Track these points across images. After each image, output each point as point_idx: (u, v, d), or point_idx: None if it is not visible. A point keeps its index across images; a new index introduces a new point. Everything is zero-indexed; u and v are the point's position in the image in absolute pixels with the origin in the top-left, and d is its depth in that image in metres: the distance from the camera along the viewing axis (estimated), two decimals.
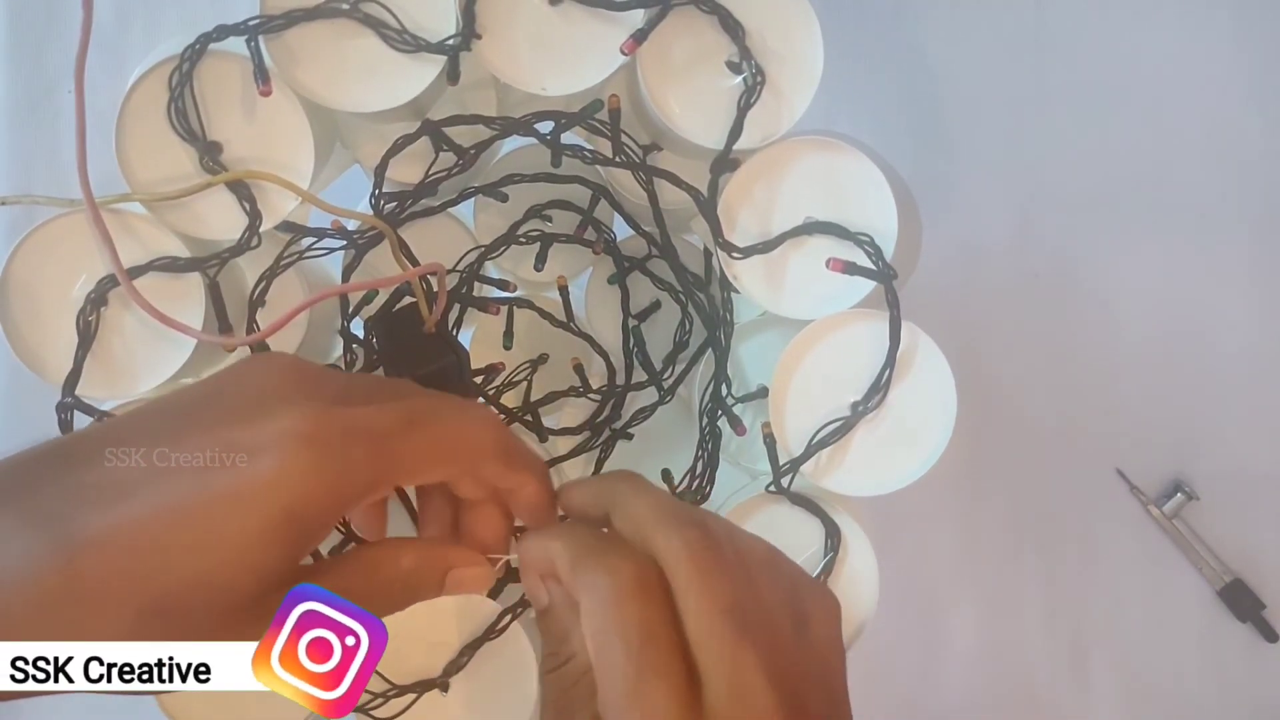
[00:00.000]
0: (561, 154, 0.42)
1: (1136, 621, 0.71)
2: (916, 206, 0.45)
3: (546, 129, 0.41)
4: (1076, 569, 0.72)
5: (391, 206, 0.43)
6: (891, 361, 0.40)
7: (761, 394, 0.45)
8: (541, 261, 0.49)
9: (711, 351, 0.46)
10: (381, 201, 0.42)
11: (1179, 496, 0.71)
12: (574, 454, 0.49)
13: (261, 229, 0.38)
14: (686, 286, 0.47)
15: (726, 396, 0.44)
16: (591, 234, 0.48)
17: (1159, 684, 0.71)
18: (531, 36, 0.39)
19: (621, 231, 0.48)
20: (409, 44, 0.37)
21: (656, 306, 0.50)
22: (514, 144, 0.47)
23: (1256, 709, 0.71)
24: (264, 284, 0.41)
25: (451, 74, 0.38)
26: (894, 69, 0.74)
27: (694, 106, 0.40)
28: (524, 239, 0.47)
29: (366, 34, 0.37)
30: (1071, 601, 0.71)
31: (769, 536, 0.29)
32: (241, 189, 0.38)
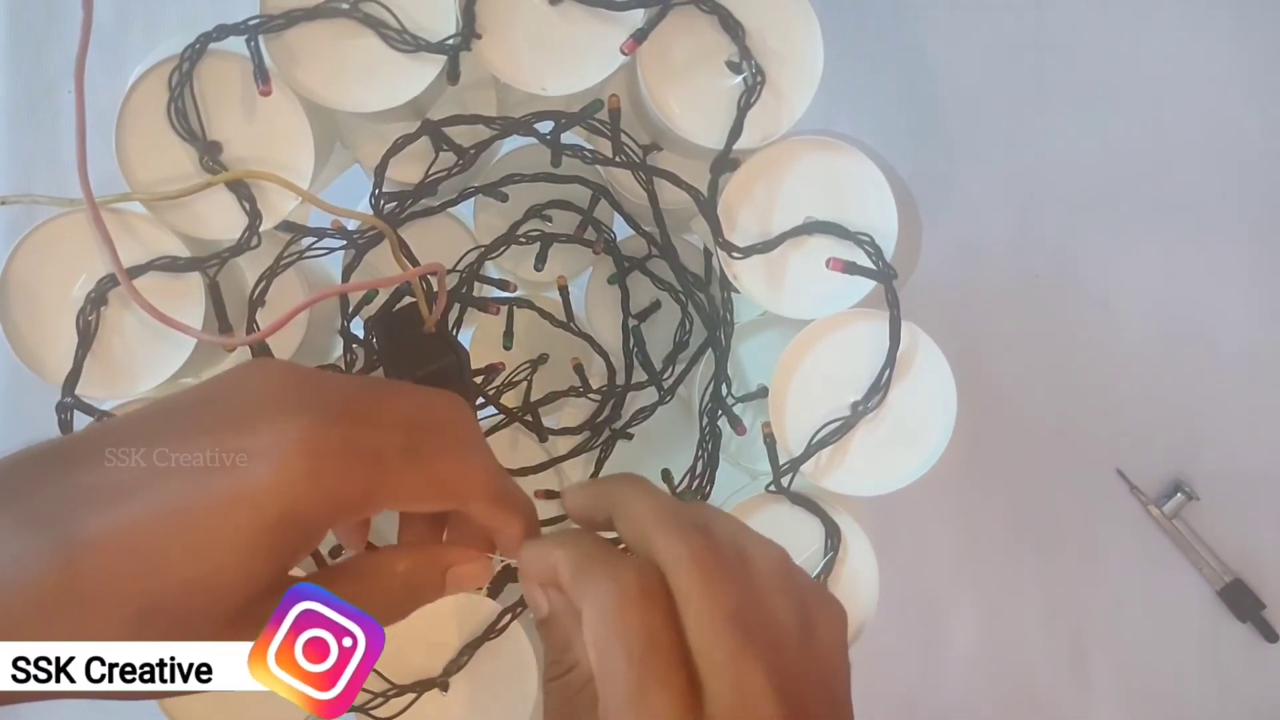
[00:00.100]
0: (561, 154, 0.42)
1: (1136, 621, 0.71)
2: (916, 206, 0.45)
3: (546, 129, 0.41)
4: (1076, 569, 0.72)
5: (391, 206, 0.43)
6: (891, 361, 0.40)
7: (761, 394, 0.45)
8: (541, 261, 0.49)
9: (711, 351, 0.46)
10: (381, 201, 0.42)
11: (1179, 496, 0.71)
12: (574, 454, 0.49)
13: (261, 229, 0.38)
14: (686, 286, 0.47)
15: (726, 396, 0.44)
16: (591, 234, 0.48)
17: (1159, 684, 0.71)
18: (531, 36, 0.39)
19: (621, 231, 0.48)
20: (409, 44, 0.37)
21: (656, 306, 0.50)
22: (514, 144, 0.47)
23: (1256, 709, 0.71)
24: (264, 284, 0.41)
25: (451, 74, 0.38)
26: (894, 69, 0.74)
27: (694, 106, 0.40)
28: (524, 239, 0.47)
29: (366, 34, 0.37)
30: (1071, 601, 0.71)
31: (769, 536, 0.29)
32: (241, 189, 0.38)
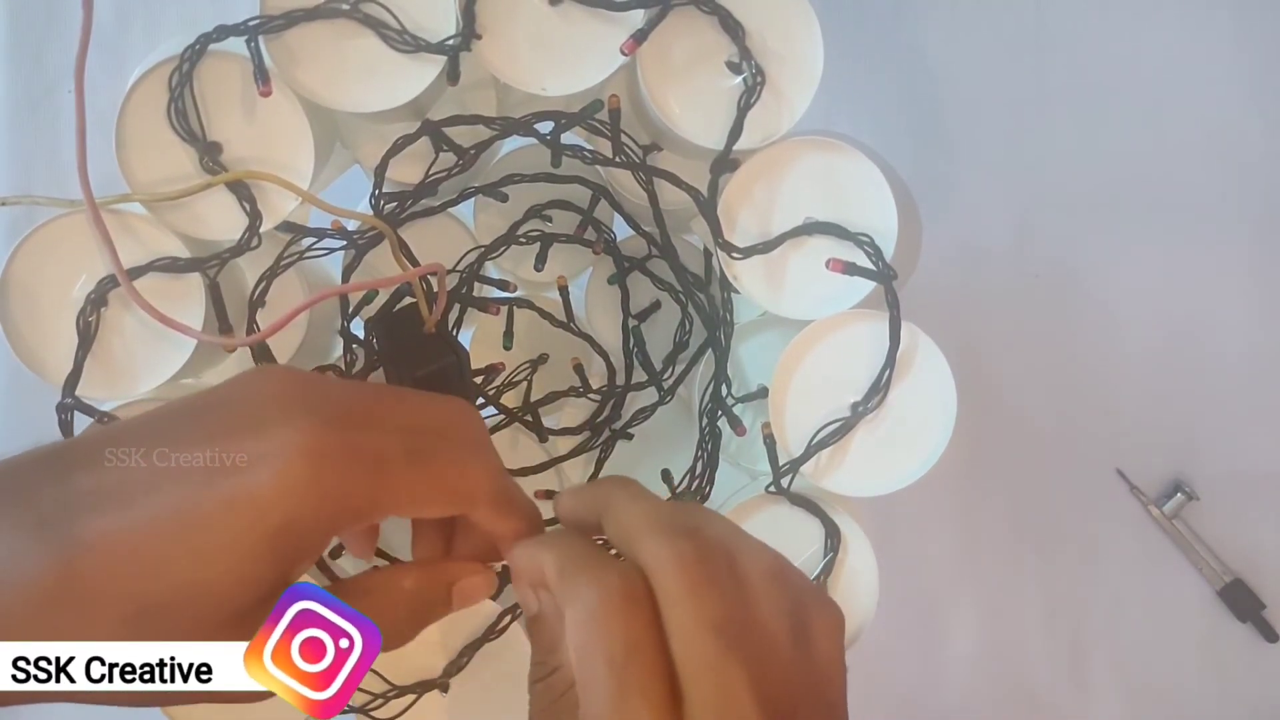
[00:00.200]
0: (561, 154, 0.42)
1: (1136, 621, 0.71)
2: (916, 206, 0.45)
3: (546, 129, 0.41)
4: (1076, 569, 0.72)
5: (391, 206, 0.43)
6: (891, 362, 0.40)
7: (761, 394, 0.45)
8: (541, 261, 0.48)
9: (711, 351, 0.46)
10: (381, 201, 0.42)
11: (1179, 496, 0.71)
12: (574, 454, 0.49)
13: (261, 229, 0.38)
14: (686, 286, 0.47)
15: (726, 396, 0.44)
16: (591, 234, 0.48)
17: (1159, 684, 0.71)
18: (531, 36, 0.39)
19: (621, 231, 0.48)
20: (409, 44, 0.37)
21: (656, 306, 0.50)
22: (514, 144, 0.47)
23: (1256, 709, 0.71)
24: (264, 284, 0.41)
25: (451, 74, 0.38)
26: (894, 69, 0.74)
27: (694, 106, 0.40)
28: (524, 239, 0.47)
29: (366, 34, 0.37)
30: (1071, 601, 0.71)
31: (769, 536, 0.28)
32: (241, 189, 0.38)
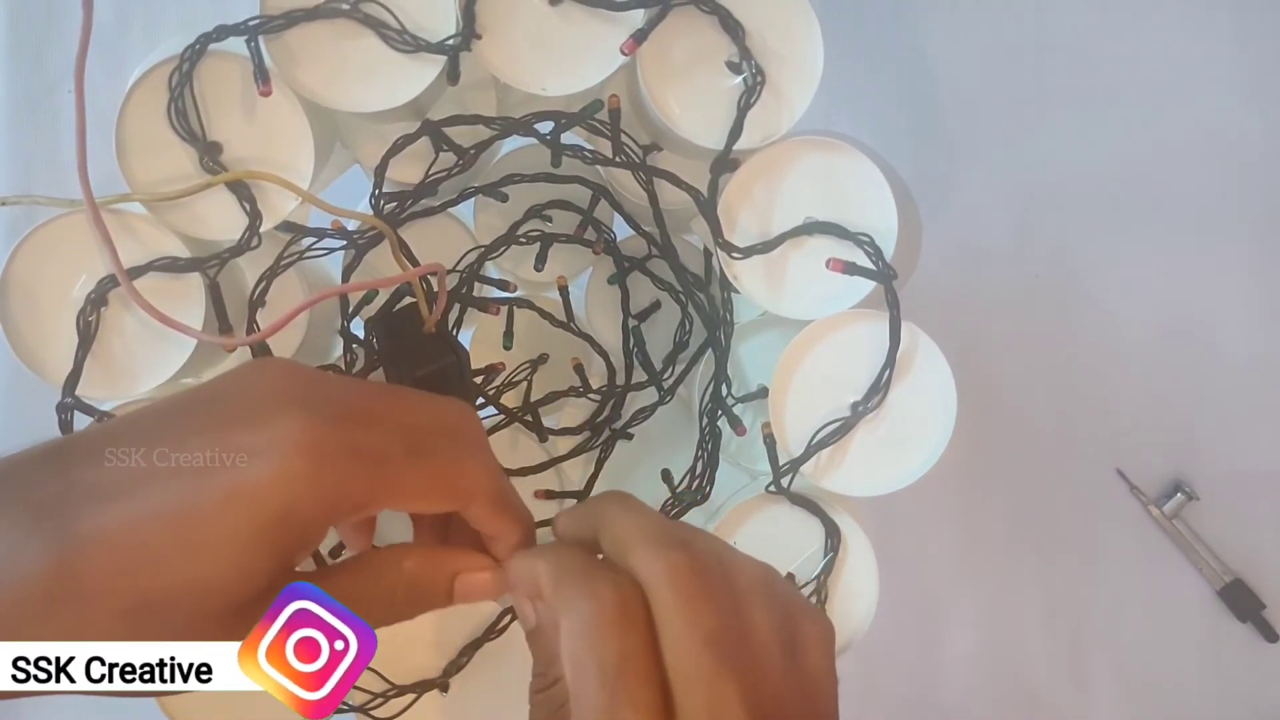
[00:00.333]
0: (561, 154, 0.42)
1: (1136, 621, 0.71)
2: (916, 206, 0.45)
3: (546, 129, 0.41)
4: (1076, 569, 0.72)
5: (391, 206, 0.43)
6: (891, 361, 0.40)
7: (761, 394, 0.45)
8: (541, 261, 0.48)
9: (711, 351, 0.46)
10: (381, 201, 0.42)
11: (1179, 496, 0.71)
12: (574, 454, 0.49)
13: (261, 229, 0.38)
14: (686, 286, 0.47)
15: (726, 396, 0.44)
16: (591, 234, 0.48)
17: (1159, 684, 0.71)
18: (531, 36, 0.39)
19: (621, 231, 0.48)
20: (409, 44, 0.37)
21: (656, 306, 0.50)
22: (514, 144, 0.47)
23: (1256, 709, 0.71)
24: (264, 284, 0.41)
25: (451, 74, 0.38)
26: (894, 69, 0.74)
27: (694, 106, 0.40)
28: (524, 239, 0.47)
29: (366, 34, 0.37)
30: (1071, 601, 0.71)
31: (769, 536, 0.29)
32: (241, 189, 0.38)
